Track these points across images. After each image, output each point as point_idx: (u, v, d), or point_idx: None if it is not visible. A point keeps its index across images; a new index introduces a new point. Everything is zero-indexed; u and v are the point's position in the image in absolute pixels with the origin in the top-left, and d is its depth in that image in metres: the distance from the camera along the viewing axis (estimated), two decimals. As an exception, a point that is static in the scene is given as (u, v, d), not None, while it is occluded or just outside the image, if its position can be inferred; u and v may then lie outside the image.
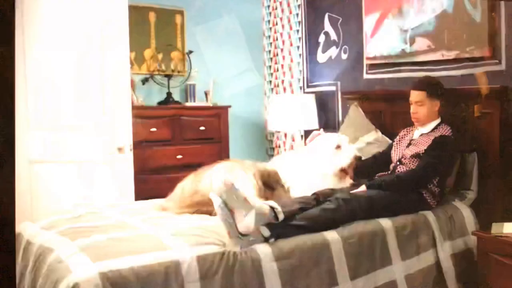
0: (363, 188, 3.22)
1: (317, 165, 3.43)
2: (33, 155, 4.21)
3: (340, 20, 4.77)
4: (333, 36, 4.87)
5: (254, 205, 2.63)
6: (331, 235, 2.83)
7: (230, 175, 3.35)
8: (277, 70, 5.72)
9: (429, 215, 3.22)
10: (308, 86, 5.27)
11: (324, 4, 5.02)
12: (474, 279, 3.08)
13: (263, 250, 2.62)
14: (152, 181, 4.63)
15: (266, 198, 3.32)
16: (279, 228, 2.73)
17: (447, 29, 3.71)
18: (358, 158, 3.44)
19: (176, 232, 2.77)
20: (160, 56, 5.24)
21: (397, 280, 2.96)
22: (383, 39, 4.29)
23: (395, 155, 3.52)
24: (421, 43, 3.91)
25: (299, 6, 5.33)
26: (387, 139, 3.92)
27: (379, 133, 4.01)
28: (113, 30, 4.05)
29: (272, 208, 2.73)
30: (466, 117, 3.50)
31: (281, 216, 2.73)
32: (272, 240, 2.69)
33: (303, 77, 5.31)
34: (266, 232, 2.68)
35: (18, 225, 3.20)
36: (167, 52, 5.29)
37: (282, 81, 5.64)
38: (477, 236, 3.03)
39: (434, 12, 3.77)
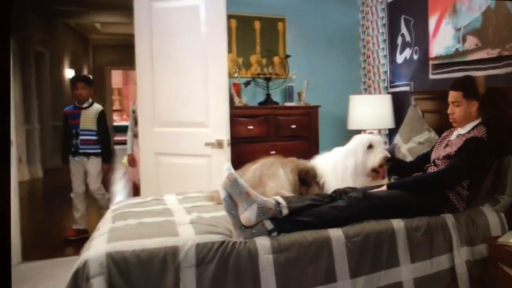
0: (383, 188, 2.94)
1: (349, 164, 3.20)
2: (157, 148, 4.51)
3: (412, 22, 4.38)
4: (407, 37, 4.49)
5: (256, 199, 2.55)
6: (334, 232, 2.63)
7: (268, 171, 3.32)
8: (369, 71, 5.41)
9: (449, 218, 2.82)
10: (391, 87, 4.92)
11: (401, 6, 4.65)
12: (489, 288, 2.65)
13: (262, 242, 2.53)
14: (247, 173, 4.69)
15: (301, 194, 3.22)
16: (284, 222, 2.62)
17: (491, 26, 3.22)
18: (388, 159, 3.14)
19: (196, 220, 2.79)
20: (264, 60, 5.27)
21: (403, 282, 2.65)
22: (441, 38, 3.85)
23: (433, 156, 3.15)
24: (471, 42, 3.44)
25: (383, 9, 4.99)
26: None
27: (432, 133, 3.61)
28: (214, 40, 4.13)
29: (278, 203, 2.65)
30: (504, 117, 2.99)
31: (285, 211, 2.62)
32: (275, 233, 2.58)
33: (387, 78, 4.97)
34: (269, 226, 2.59)
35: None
36: (269, 57, 5.30)
37: (373, 82, 5.33)
38: (487, 243, 2.61)
39: (480, 9, 3.29)
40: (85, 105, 5.43)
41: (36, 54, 9.86)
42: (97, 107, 5.51)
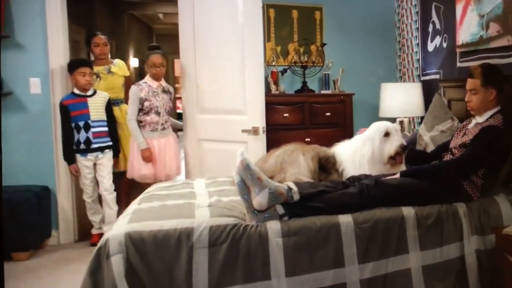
0: (397, 175, 2.85)
1: (366, 151, 3.12)
2: (200, 134, 4.59)
3: (442, 9, 4.17)
4: (438, 25, 4.28)
5: (267, 184, 2.53)
6: (344, 218, 2.57)
7: (289, 157, 3.29)
8: (404, 59, 5.21)
9: (461, 207, 2.69)
10: (423, 75, 4.73)
11: (432, -7, 4.44)
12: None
13: (272, 226, 2.51)
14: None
15: (320, 180, 3.17)
16: (296, 208, 2.58)
17: (511, 13, 3.00)
18: (404, 147, 3.03)
19: (213, 204, 2.79)
20: (301, 49, 5.18)
21: (411, 269, 2.57)
22: (467, 25, 3.64)
23: (451, 145, 3.02)
24: (493, 28, 3.24)
25: (417, -4, 4.79)
26: (461, 127, 3.34)
27: (455, 122, 3.44)
28: (250, 30, 4.10)
29: (289, 188, 2.63)
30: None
31: (296, 197, 2.58)
32: (286, 218, 2.56)
33: (419, 66, 4.78)
34: (281, 210, 2.57)
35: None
36: (307, 45, 5.20)
37: (407, 70, 5.14)
38: (495, 233, 2.48)
39: (502, -5, 3.09)
40: (89, 92, 4.60)
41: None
42: (104, 93, 4.73)
